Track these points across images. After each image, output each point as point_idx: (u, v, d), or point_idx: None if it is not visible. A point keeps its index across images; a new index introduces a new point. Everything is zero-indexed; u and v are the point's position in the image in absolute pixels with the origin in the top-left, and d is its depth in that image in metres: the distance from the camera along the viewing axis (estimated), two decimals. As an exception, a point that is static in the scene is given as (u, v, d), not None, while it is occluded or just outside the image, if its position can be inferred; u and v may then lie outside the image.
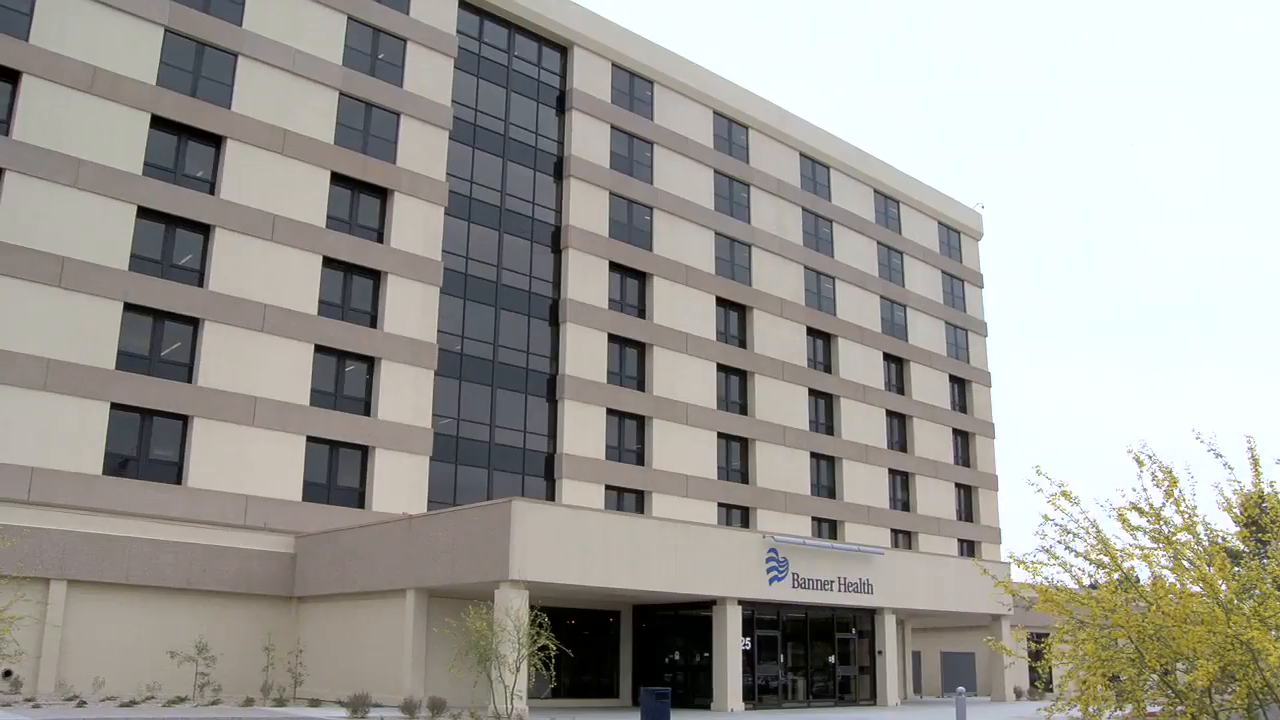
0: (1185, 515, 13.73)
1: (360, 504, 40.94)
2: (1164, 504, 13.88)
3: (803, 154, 62.89)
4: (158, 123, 38.85)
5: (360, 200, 43.73)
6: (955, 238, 73.03)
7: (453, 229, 46.41)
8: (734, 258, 57.17)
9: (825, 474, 58.90)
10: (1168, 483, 13.79)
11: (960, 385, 69.97)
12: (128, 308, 36.90)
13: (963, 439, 68.90)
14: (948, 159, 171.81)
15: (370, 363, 42.44)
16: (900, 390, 65.23)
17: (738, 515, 53.51)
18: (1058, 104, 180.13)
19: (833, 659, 38.86)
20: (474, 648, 25.94)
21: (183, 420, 37.55)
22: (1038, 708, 15.77)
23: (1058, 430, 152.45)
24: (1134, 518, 13.92)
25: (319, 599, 36.42)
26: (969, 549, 65.44)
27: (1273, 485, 13.90)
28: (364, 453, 41.62)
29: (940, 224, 71.76)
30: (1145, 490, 13.94)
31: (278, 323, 39.79)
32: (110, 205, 37.01)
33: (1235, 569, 13.16)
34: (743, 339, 56.80)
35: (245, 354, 38.88)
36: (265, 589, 36.64)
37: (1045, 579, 14.58)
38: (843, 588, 37.16)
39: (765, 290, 57.91)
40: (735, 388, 55.79)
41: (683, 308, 53.52)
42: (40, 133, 36.10)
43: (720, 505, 52.49)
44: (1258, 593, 12.87)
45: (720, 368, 54.89)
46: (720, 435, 53.82)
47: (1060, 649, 14.55)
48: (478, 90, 49.22)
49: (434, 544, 31.80)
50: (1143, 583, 14.12)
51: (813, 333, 60.63)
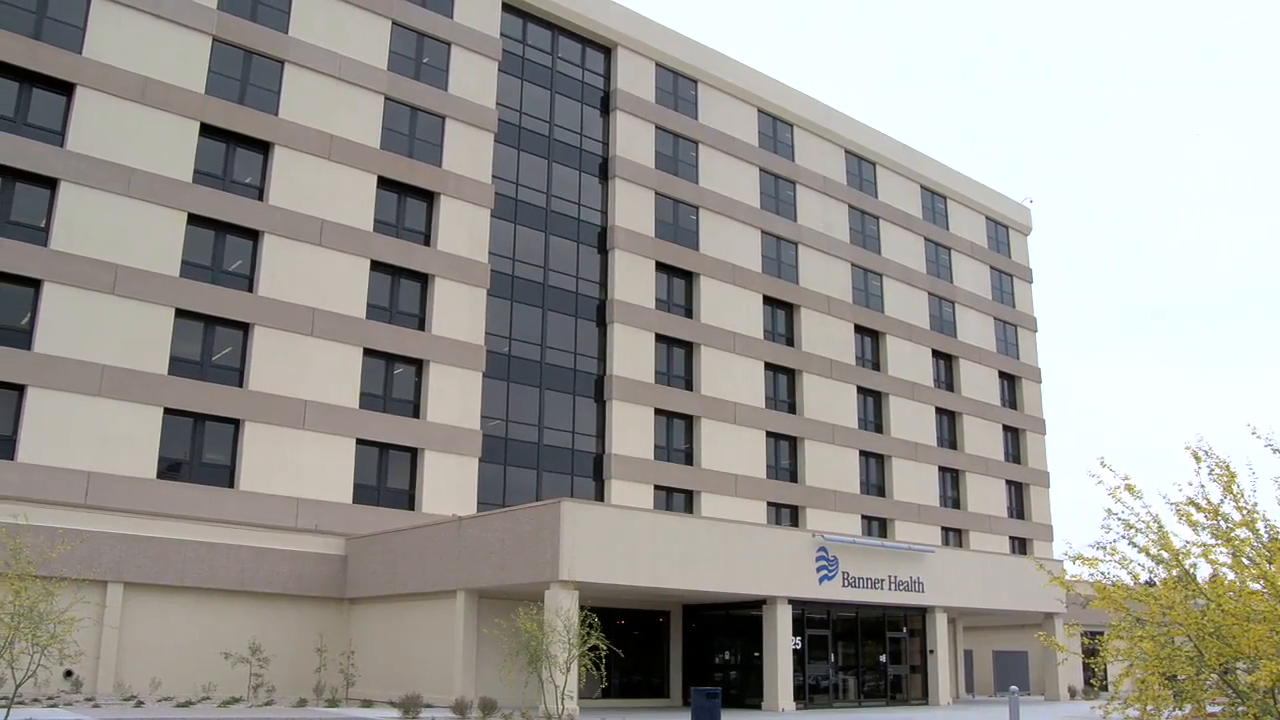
0: (1244, 511, 13.49)
1: (410, 506, 41.15)
2: (1223, 500, 13.64)
3: (848, 151, 62.56)
4: (207, 130, 39.28)
5: (407, 204, 43.97)
6: (1003, 233, 72.32)
7: (499, 231, 46.55)
8: (780, 256, 56.95)
9: (875, 472, 58.53)
10: (1226, 478, 13.56)
11: (1010, 381, 69.28)
12: (179, 313, 37.33)
13: (1013, 435, 68.22)
14: (995, 154, 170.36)
15: (418, 365, 42.65)
16: (949, 387, 64.69)
17: (787, 514, 53.29)
18: (1106, 95, 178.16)
19: (884, 658, 38.59)
20: (524, 648, 25.98)
21: (234, 424, 37.92)
22: (1092, 706, 15.53)
23: (1111, 426, 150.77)
24: (1195, 514, 13.71)
25: (370, 600, 36.63)
26: (1020, 546, 64.79)
27: (1334, 481, 13.61)
28: (413, 455, 41.84)
29: (988, 219, 71.11)
30: (1204, 486, 13.72)
31: (326, 326, 40.08)
32: (161, 212, 37.45)
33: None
34: (790, 337, 56.56)
35: (295, 358, 39.21)
36: (317, 590, 36.92)
37: (1102, 575, 14.36)
38: (893, 586, 36.89)
39: (812, 288, 57.64)
40: (783, 386, 55.56)
41: (730, 307, 53.38)
42: (93, 143, 36.62)
43: (769, 504, 52.29)
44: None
45: (768, 366, 54.69)
46: (769, 434, 53.62)
47: (1116, 647, 14.32)
48: (522, 92, 49.34)
49: (484, 545, 31.87)
50: (1201, 580, 13.88)
51: (860, 330, 60.27)
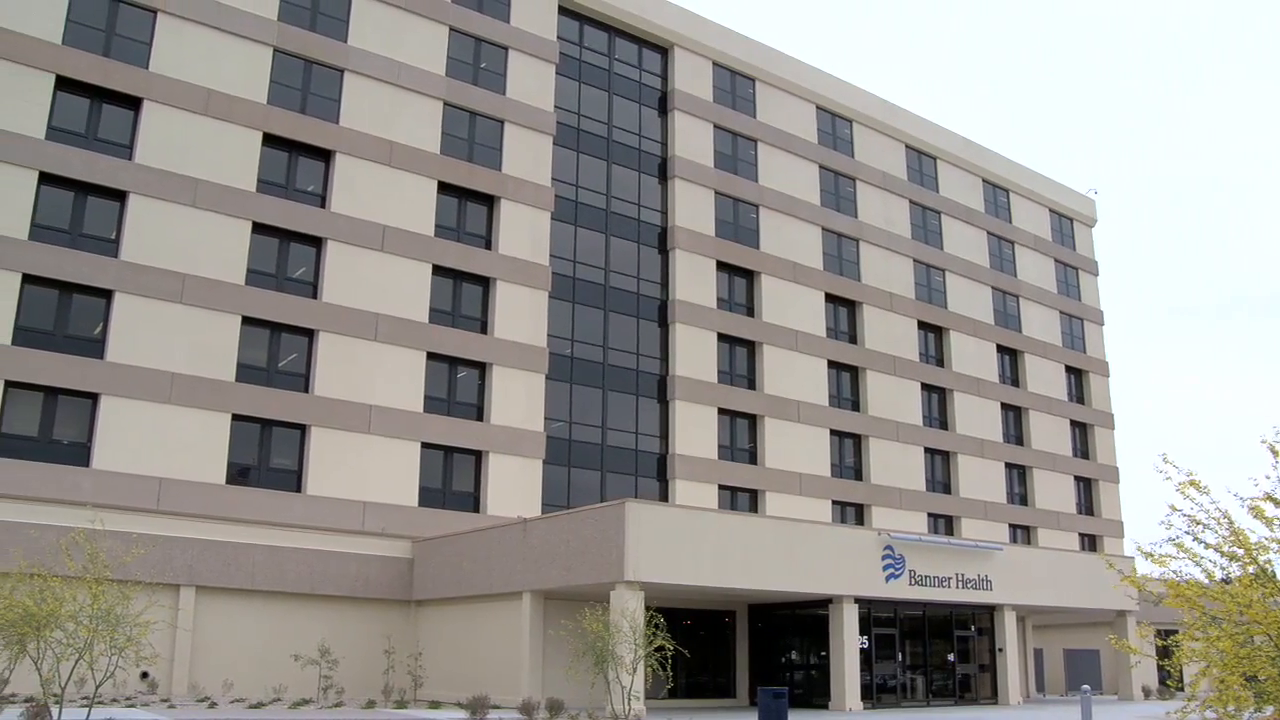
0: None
1: (475, 508, 41.39)
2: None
3: (909, 146, 62.05)
4: (270, 140, 39.82)
5: (467, 208, 44.24)
6: (1067, 225, 71.31)
7: (559, 233, 46.71)
8: (841, 253, 56.59)
9: (940, 469, 57.98)
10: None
11: (1077, 376, 68.28)
12: (245, 321, 37.86)
13: (1081, 431, 67.22)
14: (1057, 145, 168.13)
15: (481, 368, 42.89)
16: (1015, 382, 63.89)
17: (852, 513, 52.94)
18: (1168, 81, 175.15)
19: (952, 657, 38.19)
20: (591, 649, 26.00)
21: (300, 429, 38.38)
22: (1167, 709, 15.25)
23: (1182, 420, 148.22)
24: (1269, 509, 13.40)
25: (437, 602, 36.89)
26: (1090, 543, 63.82)
27: None
28: (477, 457, 42.07)
29: (1052, 211, 70.14)
30: (1280, 481, 13.40)
31: (390, 331, 40.44)
32: (227, 222, 38.02)
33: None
34: (853, 334, 56.19)
35: (359, 363, 39.60)
36: (384, 593, 37.27)
37: (1174, 572, 14.09)
38: (961, 584, 36.49)
39: (874, 285, 57.23)
40: (846, 384, 55.21)
41: (791, 305, 53.14)
42: (160, 155, 37.27)
43: (834, 503, 51.98)
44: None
45: (831, 364, 54.37)
46: (832, 432, 53.30)
47: (1192, 647, 14.04)
48: (580, 94, 49.48)
49: (549, 546, 31.96)
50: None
51: (924, 326, 59.72)
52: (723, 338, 50.52)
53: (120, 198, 36.59)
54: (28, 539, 28.47)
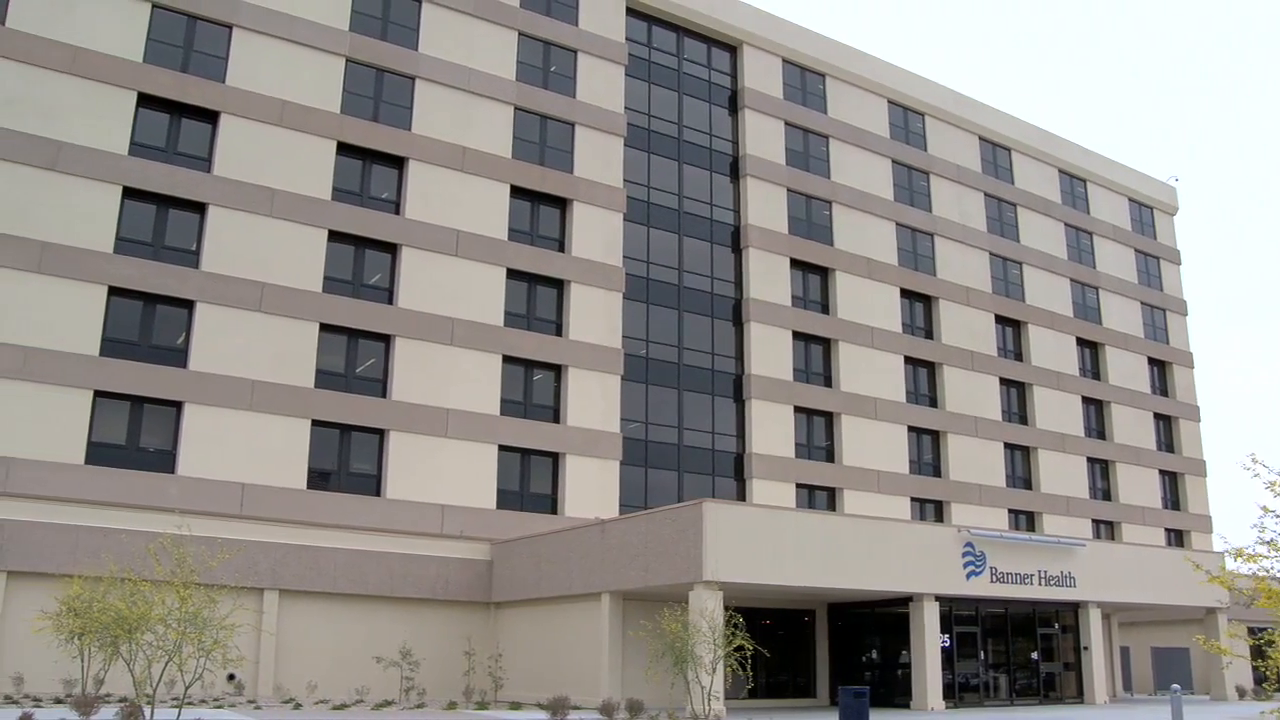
0: None
1: (553, 510, 41.55)
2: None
3: (982, 138, 61.26)
4: (344, 149, 40.33)
5: (540, 211, 44.45)
6: (1148, 214, 69.87)
7: (632, 234, 46.78)
8: (916, 248, 56.03)
9: (1020, 465, 57.12)
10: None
11: (1160, 368, 66.89)
12: (323, 328, 38.38)
13: (1165, 424, 65.81)
14: (1136, 133, 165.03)
15: (557, 370, 43.06)
16: (1096, 375, 62.75)
17: (931, 509, 52.35)
18: (1251, 63, 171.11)
19: (1035, 655, 37.57)
20: (670, 649, 25.99)
21: (379, 434, 38.81)
22: (1263, 709, 14.86)
23: (1272, 413, 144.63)
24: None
25: (516, 604, 37.10)
26: (1177, 539, 62.46)
27: None
28: (554, 459, 42.24)
29: (1131, 201, 68.78)
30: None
31: (466, 335, 40.75)
32: (303, 230, 38.57)
33: None
34: (929, 330, 55.59)
35: (436, 367, 39.95)
36: (464, 595, 37.58)
37: (1264, 570, 13.75)
38: (1043, 581, 35.87)
39: (950, 279, 56.58)
40: (924, 380, 54.63)
41: (866, 301, 52.72)
42: (238, 167, 37.95)
43: (913, 500, 51.45)
44: None
45: (907, 360, 53.83)
46: (910, 429, 52.78)
47: (1287, 646, 13.68)
48: (649, 95, 49.52)
49: (627, 547, 31.99)
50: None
51: (1001, 320, 58.89)
52: (798, 335, 50.25)
53: (200, 209, 37.32)
54: (118, 544, 29.12)
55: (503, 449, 40.94)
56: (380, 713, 28.46)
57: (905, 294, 54.91)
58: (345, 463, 38.27)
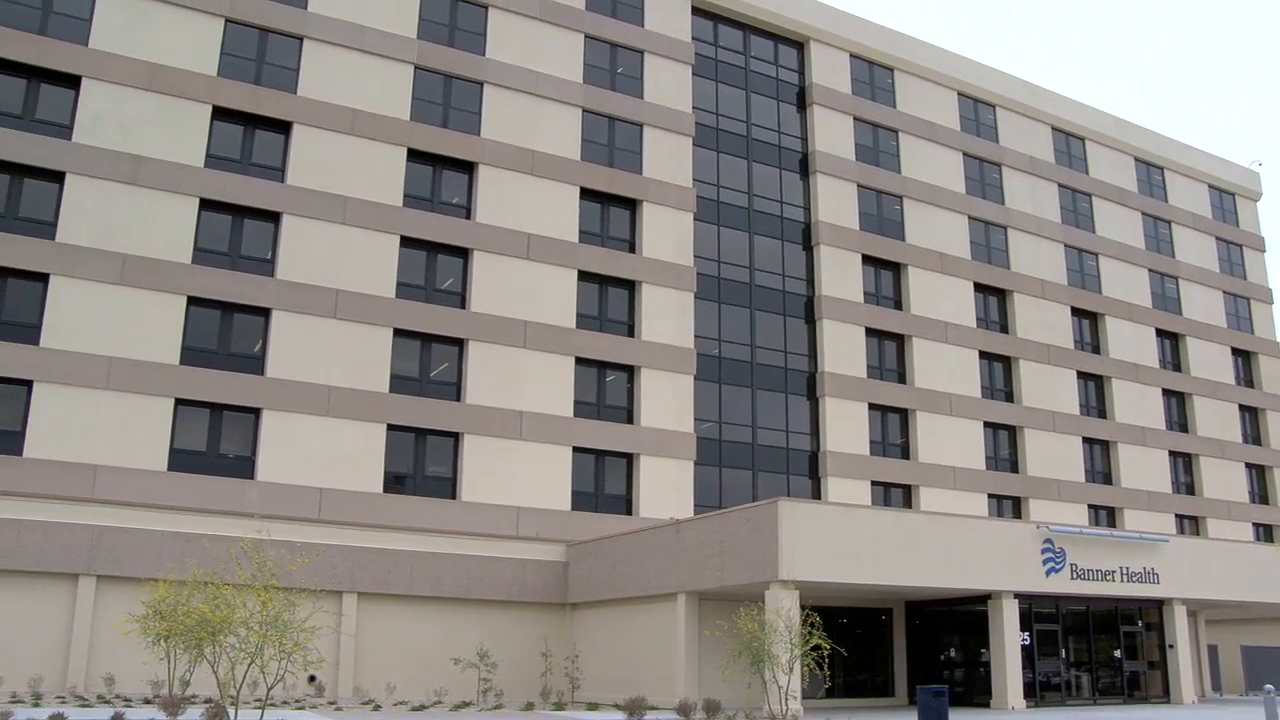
0: None
1: (627, 510, 41.60)
2: None
3: (1055, 128, 60.29)
4: (414, 155, 40.76)
5: (610, 212, 44.55)
6: (1229, 200, 68.29)
7: (703, 233, 46.72)
8: (989, 241, 55.32)
9: (1099, 459, 56.11)
10: None
11: (1244, 358, 65.31)
12: (397, 333, 38.80)
13: (1251, 415, 64.22)
14: (1216, 119, 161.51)
15: (630, 371, 43.12)
16: (1176, 367, 61.44)
17: (1009, 506, 51.62)
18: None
19: (1118, 653, 36.80)
20: (746, 649, 25.87)
21: (453, 437, 39.12)
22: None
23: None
24: None
25: (591, 605, 37.18)
26: (1266, 534, 60.96)
27: None
28: (628, 460, 42.30)
29: (1211, 187, 67.26)
30: None
31: (538, 338, 40.94)
32: (376, 237, 39.02)
33: None
34: (1004, 324, 54.84)
35: (509, 370, 40.19)
36: (540, 597, 37.74)
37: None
38: (1125, 578, 35.11)
39: (1024, 272, 55.77)
40: (999, 375, 53.90)
41: (940, 296, 52.15)
42: (310, 175, 38.52)
43: (990, 496, 50.79)
44: None
45: (982, 355, 53.15)
46: (986, 424, 52.09)
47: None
48: (717, 94, 49.43)
49: (702, 547, 31.91)
50: None
51: (1077, 313, 57.90)
52: (871, 332, 49.85)
53: (274, 219, 37.92)
54: (201, 549, 29.62)
55: (577, 450, 41.07)
56: (458, 714, 28.65)
57: (979, 288, 54.23)
58: (420, 466, 38.64)
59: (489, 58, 43.00)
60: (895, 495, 48.37)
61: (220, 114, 37.98)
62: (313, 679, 32.41)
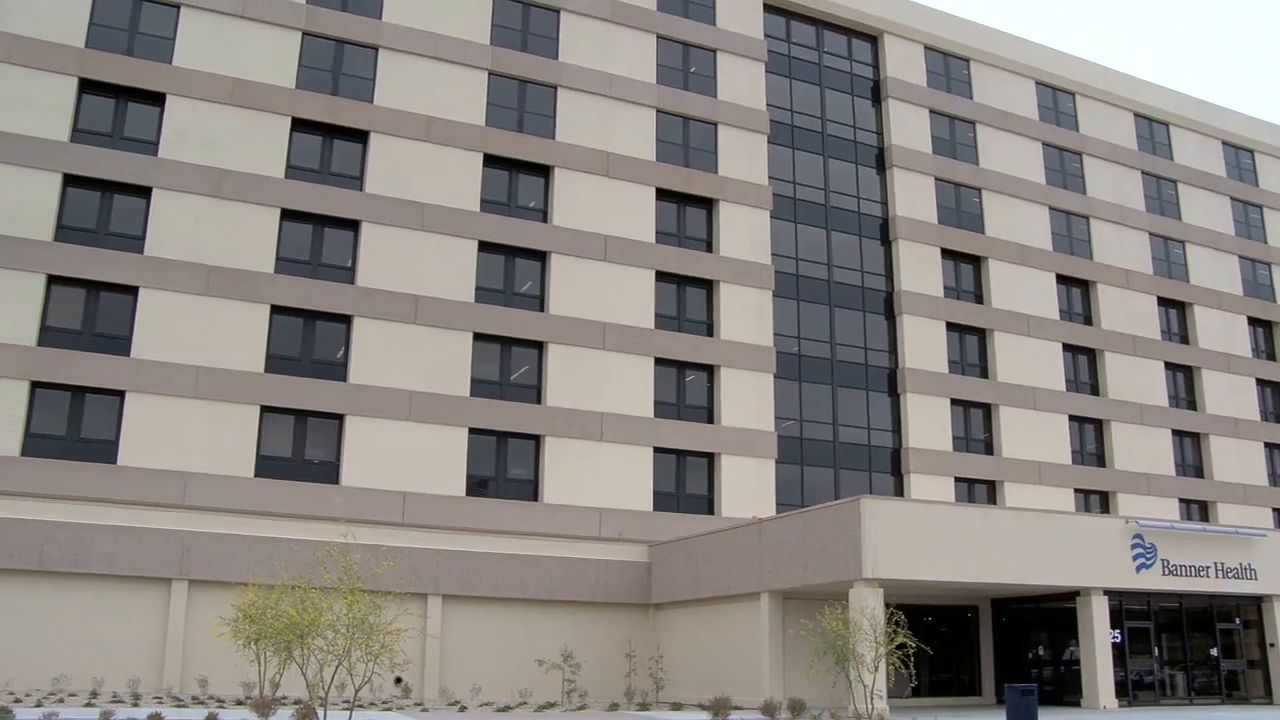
0: None
1: (709, 510, 41.52)
2: None
3: (1137, 114, 58.98)
4: (490, 160, 41.09)
5: (686, 212, 44.53)
6: (1324, 182, 66.25)
7: (780, 231, 46.51)
8: (1071, 231, 54.32)
9: (1190, 452, 54.79)
10: None
11: (1342, 346, 63.34)
12: (477, 337, 39.16)
13: (1351, 406, 62.30)
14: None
15: (709, 371, 43.06)
16: (1270, 356, 59.76)
17: (1096, 501, 50.63)
18: None
19: (1214, 651, 35.81)
20: (831, 648, 25.66)
21: (535, 439, 39.36)
22: None
23: None
24: None
25: (675, 605, 37.16)
26: (1373, 526, 59.14)
27: None
28: (709, 460, 42.23)
29: (1306, 170, 65.37)
30: None
31: (617, 339, 41.04)
32: (454, 243, 39.42)
33: None
34: (1087, 315, 53.81)
35: (589, 372, 40.35)
36: (623, 597, 37.81)
37: None
38: (1220, 574, 34.18)
39: (1108, 262, 54.66)
40: (1084, 367, 52.89)
41: (1021, 288, 51.33)
42: (388, 183, 39.05)
43: (1076, 491, 49.81)
44: None
45: (1066, 347, 52.18)
46: (1071, 418, 51.13)
47: None
48: (791, 90, 49.18)
49: (784, 546, 31.76)
50: None
51: (1164, 302, 56.55)
52: (951, 327, 49.23)
53: (354, 227, 38.49)
54: (288, 553, 30.14)
55: (658, 451, 41.10)
56: (543, 714, 28.77)
57: (1061, 279, 53.27)
58: (502, 469, 38.93)
59: (562, 61, 43.22)
60: (979, 491, 47.72)
61: (299, 125, 38.68)
62: (399, 680, 32.76)
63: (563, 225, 41.42)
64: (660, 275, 42.96)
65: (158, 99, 37.07)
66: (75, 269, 34.79)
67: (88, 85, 36.51)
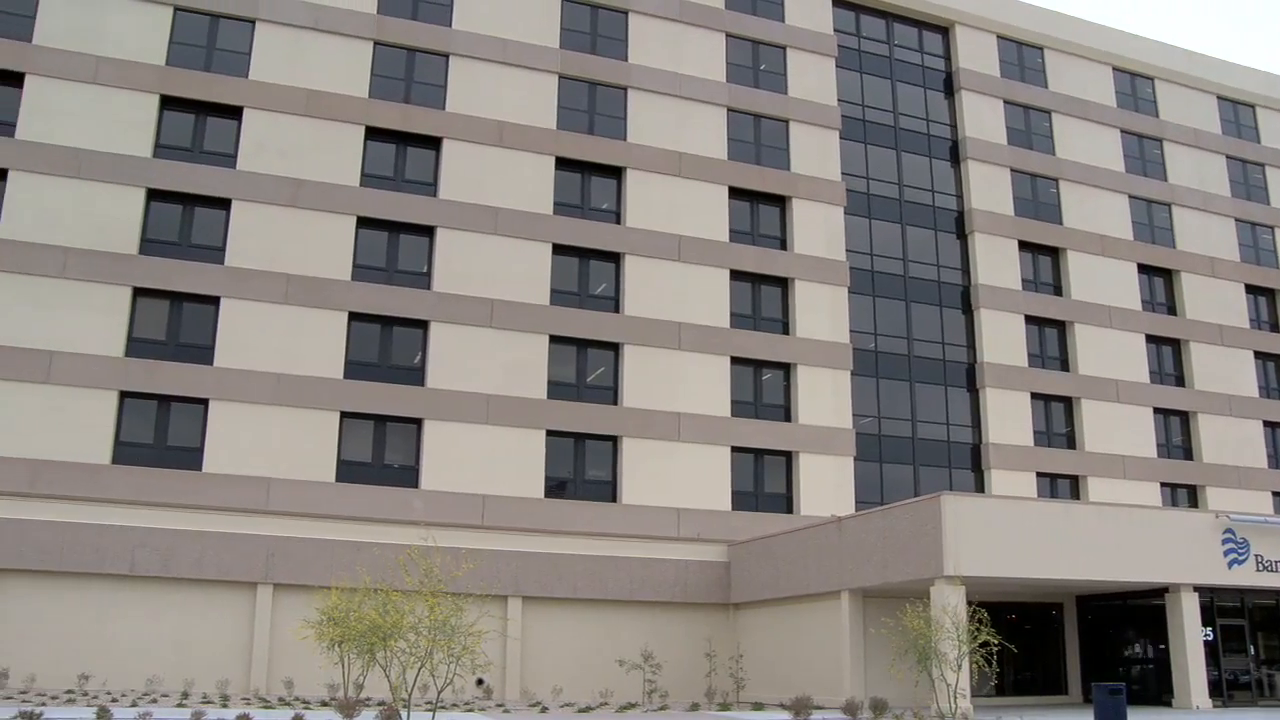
0: None
1: (788, 509, 41.33)
2: None
3: (1220, 97, 57.53)
4: (562, 163, 41.30)
5: (759, 210, 44.39)
6: None
7: (854, 227, 46.15)
8: (1153, 220, 53.18)
9: (1283, 444, 53.40)
10: None
11: None
12: (553, 339, 39.38)
13: None
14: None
15: (786, 369, 42.87)
16: (1369, 342, 58.04)
17: (1184, 495, 49.49)
18: None
19: (1315, 651, 34.90)
20: (912, 647, 25.43)
21: (612, 440, 39.46)
22: None
23: None
24: None
25: (754, 604, 37.04)
26: None
27: None
28: (788, 458, 42.03)
29: None
30: None
31: (693, 339, 41.01)
32: (527, 246, 39.68)
33: None
34: (1171, 305, 52.65)
35: (665, 372, 40.36)
36: (702, 597, 37.76)
37: None
38: (1320, 569, 33.30)
39: (1191, 250, 53.40)
40: (1168, 358, 51.73)
41: (1101, 279, 50.36)
42: (461, 189, 39.44)
43: (1163, 485, 48.69)
44: None
45: (1149, 339, 51.05)
46: (1156, 410, 50.03)
47: None
48: (862, 85, 48.78)
49: (864, 544, 31.52)
50: None
51: (1252, 290, 55.07)
52: (1030, 320, 48.47)
53: (429, 232, 38.91)
54: (371, 557, 30.47)
55: (735, 450, 41.00)
56: (624, 715, 28.81)
57: (1143, 269, 52.18)
58: (580, 470, 39.08)
59: (631, 63, 43.31)
60: (1062, 486, 46.93)
61: (373, 133, 39.21)
62: (481, 682, 33.04)
63: (636, 226, 41.50)
64: (735, 274, 42.85)
65: (235, 112, 37.82)
66: (159, 281, 35.61)
67: (168, 101, 37.39)
